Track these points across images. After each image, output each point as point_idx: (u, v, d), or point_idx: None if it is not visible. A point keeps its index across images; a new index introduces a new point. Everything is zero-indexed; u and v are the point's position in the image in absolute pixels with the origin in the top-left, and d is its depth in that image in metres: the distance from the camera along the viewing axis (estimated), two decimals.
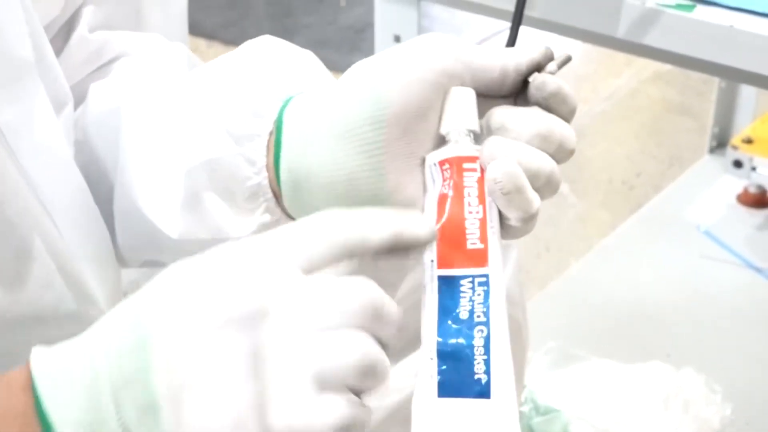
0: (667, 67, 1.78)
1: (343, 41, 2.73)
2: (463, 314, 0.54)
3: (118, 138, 0.71)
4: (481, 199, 0.57)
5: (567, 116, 0.61)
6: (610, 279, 1.73)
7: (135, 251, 0.73)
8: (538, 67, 0.61)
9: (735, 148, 1.84)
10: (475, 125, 0.59)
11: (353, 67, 0.62)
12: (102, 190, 0.71)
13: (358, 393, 0.50)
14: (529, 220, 0.58)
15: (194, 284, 0.50)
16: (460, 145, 0.58)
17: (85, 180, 0.70)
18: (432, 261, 0.56)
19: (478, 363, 0.54)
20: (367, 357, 0.49)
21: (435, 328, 0.55)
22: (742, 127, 1.95)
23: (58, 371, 0.50)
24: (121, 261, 0.75)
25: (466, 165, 0.57)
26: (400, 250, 0.53)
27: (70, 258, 0.66)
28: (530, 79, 0.61)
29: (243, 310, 0.49)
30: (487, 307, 0.54)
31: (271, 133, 0.64)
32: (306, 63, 0.69)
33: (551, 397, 1.45)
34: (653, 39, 0.95)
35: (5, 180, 0.61)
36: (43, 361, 0.51)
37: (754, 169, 1.82)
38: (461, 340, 0.54)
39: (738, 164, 1.83)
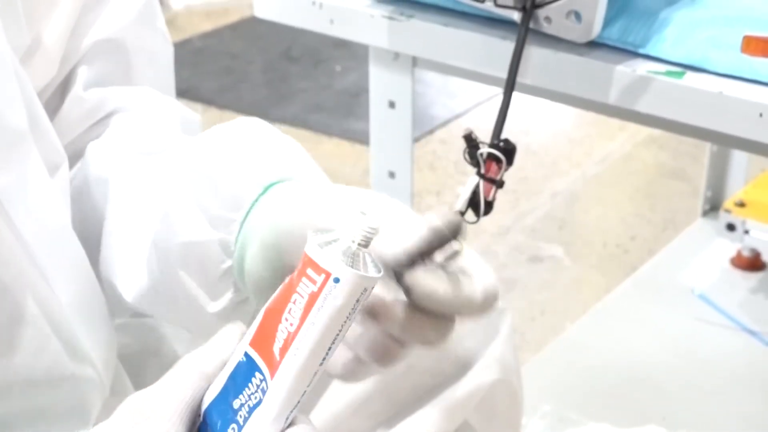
0: (660, 131, 1.79)
1: (338, 106, 2.75)
2: (236, 404, 0.54)
3: (105, 205, 0.74)
4: (305, 315, 0.52)
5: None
6: (605, 342, 1.72)
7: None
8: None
9: (728, 211, 1.85)
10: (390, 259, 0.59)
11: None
12: (94, 243, 0.74)
13: None
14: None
15: None
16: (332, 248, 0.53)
17: (79, 234, 0.71)
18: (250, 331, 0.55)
19: None
20: None
21: (213, 395, 0.55)
22: (735, 190, 1.96)
23: None
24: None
25: (309, 271, 0.52)
26: None
27: (66, 320, 0.66)
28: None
29: None
30: (249, 415, 0.53)
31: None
32: (290, 150, 0.71)
33: None
34: (644, 105, 0.96)
35: (0, 245, 0.62)
36: None
37: (747, 232, 1.83)
38: (218, 423, 0.54)
39: (731, 227, 1.84)
